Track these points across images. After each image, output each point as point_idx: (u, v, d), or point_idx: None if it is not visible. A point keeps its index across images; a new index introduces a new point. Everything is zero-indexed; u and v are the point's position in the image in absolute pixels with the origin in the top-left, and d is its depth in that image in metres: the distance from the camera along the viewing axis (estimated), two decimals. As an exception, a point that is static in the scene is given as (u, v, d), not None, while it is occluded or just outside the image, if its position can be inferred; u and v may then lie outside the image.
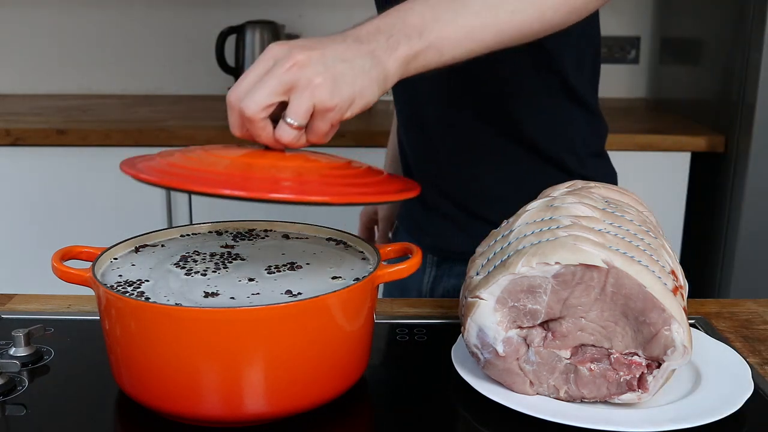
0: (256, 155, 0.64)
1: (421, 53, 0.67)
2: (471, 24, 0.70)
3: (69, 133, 1.89)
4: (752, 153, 1.78)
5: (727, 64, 1.85)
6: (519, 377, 0.66)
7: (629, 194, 0.75)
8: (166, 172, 0.60)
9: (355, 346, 0.66)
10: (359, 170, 0.67)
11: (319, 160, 0.66)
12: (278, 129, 0.63)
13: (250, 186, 0.58)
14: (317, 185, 0.61)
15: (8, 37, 2.43)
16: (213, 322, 0.59)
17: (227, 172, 0.60)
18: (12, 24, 2.42)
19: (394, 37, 0.66)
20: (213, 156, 0.64)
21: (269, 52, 0.64)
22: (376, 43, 0.65)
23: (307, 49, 0.62)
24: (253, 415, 0.62)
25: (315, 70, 0.62)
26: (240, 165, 0.62)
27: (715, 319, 0.86)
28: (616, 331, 0.63)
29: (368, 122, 2.02)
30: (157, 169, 0.61)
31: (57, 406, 0.67)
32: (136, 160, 0.65)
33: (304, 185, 0.60)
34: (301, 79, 0.61)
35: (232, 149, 0.67)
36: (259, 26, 2.27)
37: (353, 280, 0.68)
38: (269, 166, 0.62)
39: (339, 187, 0.61)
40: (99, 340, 0.67)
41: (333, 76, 0.62)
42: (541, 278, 0.63)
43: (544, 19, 0.74)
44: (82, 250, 0.71)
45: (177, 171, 0.61)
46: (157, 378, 0.62)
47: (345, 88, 0.63)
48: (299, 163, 0.64)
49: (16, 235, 1.96)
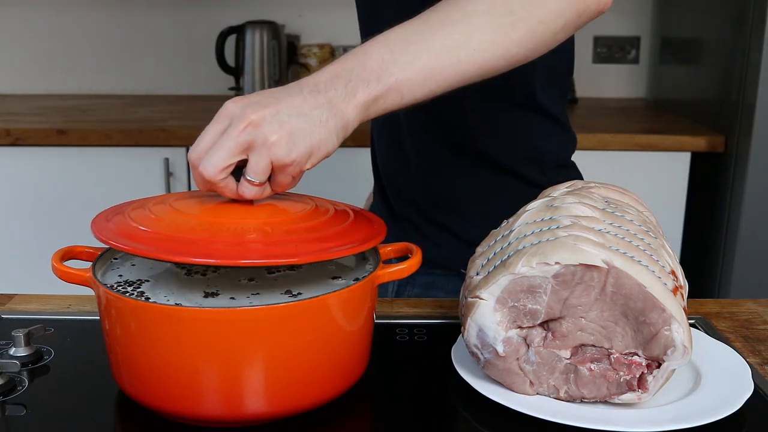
0: (222, 212, 0.66)
1: (380, 97, 0.67)
2: (431, 66, 0.69)
3: (69, 133, 1.89)
4: (752, 153, 1.78)
5: (727, 64, 1.85)
6: (519, 377, 0.66)
7: (629, 194, 0.75)
8: (135, 237, 0.62)
9: (355, 346, 0.66)
10: (326, 219, 0.67)
11: (286, 209, 0.67)
12: (240, 186, 0.65)
13: (217, 253, 0.59)
14: (284, 245, 0.61)
15: (8, 37, 2.43)
16: (213, 322, 0.59)
17: (194, 238, 0.61)
18: (12, 24, 2.42)
19: (352, 82, 0.66)
20: (179, 215, 0.65)
21: (224, 110, 0.64)
22: (334, 91, 0.65)
23: (261, 107, 0.63)
24: (253, 415, 0.62)
25: (270, 129, 0.62)
26: (207, 226, 0.63)
27: (715, 319, 0.86)
28: (616, 331, 0.63)
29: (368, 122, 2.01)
30: (126, 234, 0.62)
31: (57, 406, 0.67)
32: (109, 215, 0.68)
33: (271, 247, 0.61)
34: (257, 139, 0.62)
35: (197, 201, 0.68)
36: (259, 26, 2.28)
37: (353, 280, 0.68)
38: (235, 227, 0.63)
39: (305, 244, 0.62)
40: (99, 340, 0.67)
41: (289, 132, 0.62)
42: (541, 278, 0.63)
43: (509, 56, 0.73)
44: (82, 250, 0.71)
45: (145, 236, 0.62)
46: (157, 378, 0.62)
47: (301, 142, 0.63)
48: (264, 219, 0.65)
49: (16, 235, 1.96)
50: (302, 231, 0.64)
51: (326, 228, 0.66)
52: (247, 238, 0.62)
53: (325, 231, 0.66)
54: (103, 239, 0.62)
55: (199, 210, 0.66)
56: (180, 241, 0.61)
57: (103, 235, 0.62)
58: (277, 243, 0.62)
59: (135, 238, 0.61)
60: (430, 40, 0.69)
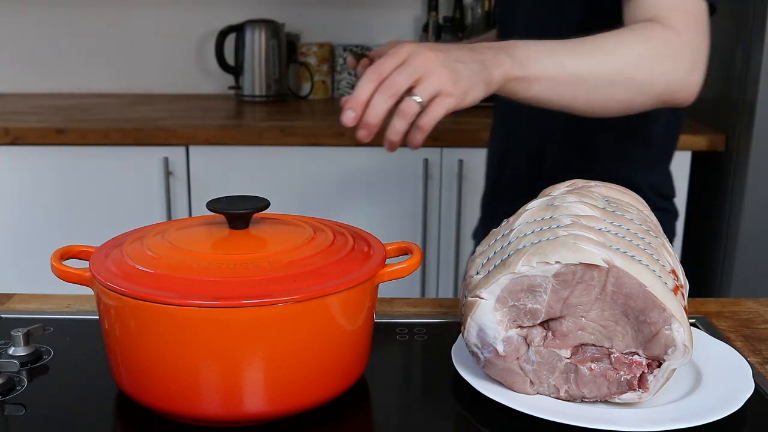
0: (223, 246, 0.66)
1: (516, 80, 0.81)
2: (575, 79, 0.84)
3: (68, 132, 1.89)
4: (753, 152, 1.78)
5: (728, 62, 1.85)
6: (519, 377, 0.65)
7: (629, 193, 0.75)
8: (134, 278, 0.61)
9: (355, 345, 0.66)
10: (324, 248, 0.66)
11: (285, 240, 0.67)
12: (404, 102, 0.76)
13: (221, 294, 0.59)
14: (284, 282, 0.61)
15: (7, 36, 2.43)
16: (213, 322, 0.59)
17: (197, 279, 0.61)
18: (11, 23, 2.42)
19: (500, 56, 0.80)
20: (180, 252, 0.64)
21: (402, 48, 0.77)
22: (486, 56, 0.80)
23: (433, 50, 0.78)
24: (253, 414, 0.62)
25: (441, 64, 0.76)
26: (209, 265, 0.62)
27: (715, 318, 0.86)
28: (616, 331, 0.63)
29: (368, 121, 2.01)
30: (124, 274, 0.62)
31: (56, 406, 0.67)
32: (107, 250, 0.67)
33: (272, 285, 0.60)
34: (430, 69, 0.76)
35: (196, 233, 0.69)
36: (258, 25, 2.27)
37: (353, 279, 0.67)
38: (237, 263, 0.62)
39: (304, 281, 0.61)
40: (98, 340, 0.67)
41: (454, 71, 0.76)
42: (541, 277, 0.62)
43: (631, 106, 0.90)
44: (81, 249, 0.71)
45: (147, 277, 0.61)
46: (157, 378, 0.61)
47: (463, 81, 0.77)
48: (265, 254, 0.64)
49: (15, 234, 1.96)
50: (302, 262, 0.64)
51: (326, 256, 0.65)
52: (251, 277, 0.61)
53: (324, 259, 0.65)
54: (101, 280, 0.62)
55: (199, 246, 0.66)
56: (183, 282, 0.60)
57: (102, 273, 0.62)
58: (277, 279, 0.61)
59: (135, 281, 0.61)
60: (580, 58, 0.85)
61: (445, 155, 1.90)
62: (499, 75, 0.80)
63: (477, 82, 0.78)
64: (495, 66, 0.79)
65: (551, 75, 0.83)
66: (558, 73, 0.83)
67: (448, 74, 0.75)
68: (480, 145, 1.87)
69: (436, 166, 1.90)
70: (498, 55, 0.80)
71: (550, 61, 0.83)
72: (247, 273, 0.61)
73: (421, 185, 1.92)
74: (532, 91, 0.83)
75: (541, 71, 0.82)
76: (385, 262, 0.68)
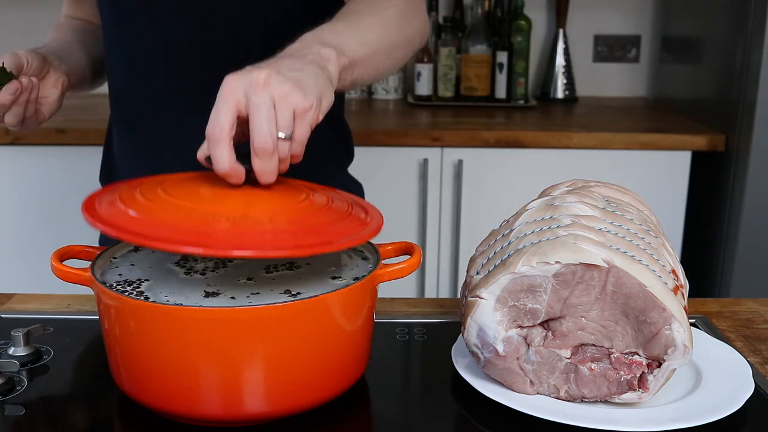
0: (217, 199, 0.64)
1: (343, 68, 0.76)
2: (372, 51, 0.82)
3: (69, 132, 1.89)
4: (753, 152, 1.78)
5: (728, 62, 1.85)
6: (519, 377, 0.65)
7: (629, 193, 0.75)
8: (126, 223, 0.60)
9: (355, 345, 0.66)
10: (318, 205, 0.66)
11: (281, 197, 0.66)
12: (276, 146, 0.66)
13: (210, 242, 0.58)
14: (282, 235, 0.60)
15: (7, 36, 2.43)
16: (213, 322, 0.59)
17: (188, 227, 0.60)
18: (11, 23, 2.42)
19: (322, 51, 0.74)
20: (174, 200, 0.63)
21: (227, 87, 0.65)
22: (313, 55, 0.73)
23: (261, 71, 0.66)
24: (253, 414, 0.62)
25: (280, 81, 0.65)
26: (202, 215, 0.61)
27: (715, 318, 0.86)
28: (616, 331, 0.63)
29: (368, 122, 2.01)
30: (117, 219, 0.61)
31: (56, 406, 0.67)
32: (102, 197, 0.65)
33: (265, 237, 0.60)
34: (274, 94, 0.65)
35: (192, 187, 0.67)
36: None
37: (353, 279, 0.67)
38: (230, 215, 0.62)
39: (301, 236, 0.61)
40: (98, 340, 0.67)
41: (296, 82, 0.66)
42: (541, 277, 0.62)
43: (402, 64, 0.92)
44: (81, 249, 0.71)
45: (138, 221, 0.60)
46: (157, 378, 0.61)
47: (310, 89, 0.67)
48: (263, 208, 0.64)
49: (15, 234, 1.96)
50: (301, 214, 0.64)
51: (324, 213, 0.65)
52: (247, 228, 0.61)
53: (323, 216, 0.65)
54: (91, 222, 0.60)
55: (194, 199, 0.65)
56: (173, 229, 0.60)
57: (95, 216, 0.61)
58: (272, 232, 0.61)
59: (126, 226, 0.60)
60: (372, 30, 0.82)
61: (445, 155, 1.90)
62: (334, 69, 0.74)
63: (323, 84, 0.70)
64: (326, 62, 0.74)
65: (362, 54, 0.80)
66: (367, 51, 0.81)
67: (293, 88, 0.66)
68: (480, 145, 1.87)
69: (435, 166, 1.90)
70: (320, 50, 0.74)
71: (356, 40, 0.79)
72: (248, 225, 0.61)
73: (420, 185, 1.92)
74: (355, 75, 0.79)
75: (355, 53, 0.78)
76: (384, 262, 0.69)
